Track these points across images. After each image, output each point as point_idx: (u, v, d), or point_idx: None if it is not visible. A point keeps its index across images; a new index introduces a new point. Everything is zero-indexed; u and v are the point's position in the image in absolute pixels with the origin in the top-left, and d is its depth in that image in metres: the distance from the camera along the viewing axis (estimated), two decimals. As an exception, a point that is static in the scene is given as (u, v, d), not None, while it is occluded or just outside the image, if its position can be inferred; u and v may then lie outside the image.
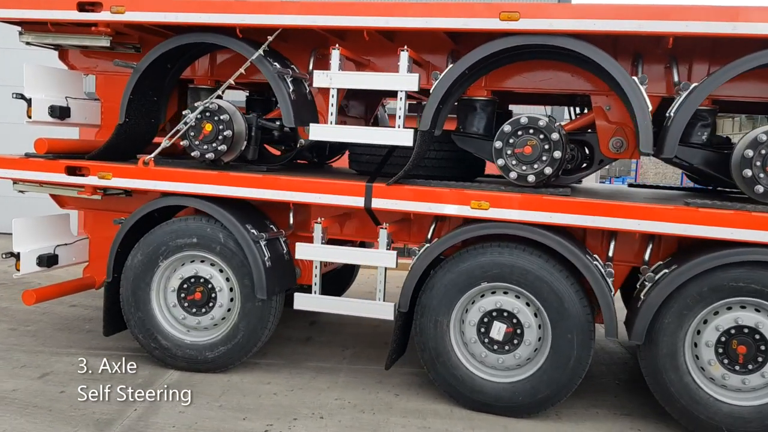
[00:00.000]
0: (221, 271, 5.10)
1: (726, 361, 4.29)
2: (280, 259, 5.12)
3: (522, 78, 5.04)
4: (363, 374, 5.33)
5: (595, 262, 4.50)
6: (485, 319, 4.63)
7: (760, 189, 4.16)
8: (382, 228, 4.74)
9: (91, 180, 5.18)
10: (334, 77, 4.62)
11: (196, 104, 5.03)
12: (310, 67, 5.19)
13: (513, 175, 4.51)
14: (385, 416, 4.57)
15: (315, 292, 4.90)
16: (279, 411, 4.55)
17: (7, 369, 5.10)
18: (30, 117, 5.29)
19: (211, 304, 5.13)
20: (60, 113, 5.46)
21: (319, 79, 4.65)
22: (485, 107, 5.10)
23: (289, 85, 4.87)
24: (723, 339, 4.29)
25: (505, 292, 4.62)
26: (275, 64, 4.89)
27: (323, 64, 5.00)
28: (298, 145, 5.50)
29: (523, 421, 4.59)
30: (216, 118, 5.00)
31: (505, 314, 4.60)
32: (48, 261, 5.61)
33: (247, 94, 6.61)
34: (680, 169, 6.10)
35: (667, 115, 4.42)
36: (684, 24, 4.12)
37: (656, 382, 4.38)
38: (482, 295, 4.66)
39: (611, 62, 4.33)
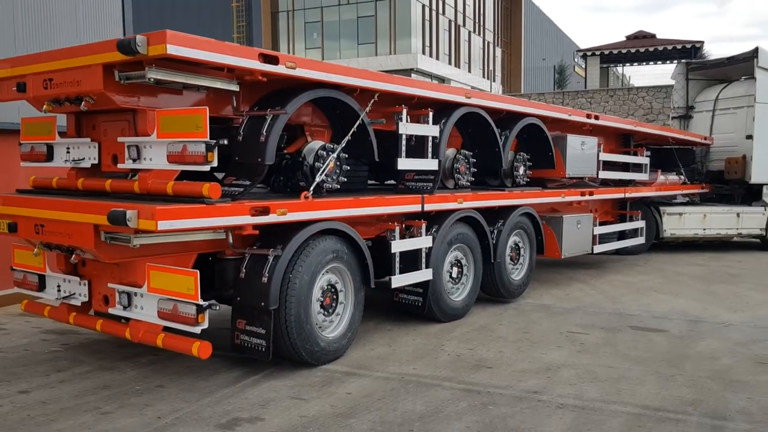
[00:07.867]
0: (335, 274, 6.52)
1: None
2: (364, 257, 6.93)
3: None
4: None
5: (492, 229, 8.61)
6: (450, 267, 8.07)
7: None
8: (424, 223, 7.41)
9: (270, 218, 5.60)
10: (408, 127, 7.01)
11: (326, 146, 6.24)
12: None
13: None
14: (446, 338, 7.46)
15: (398, 273, 7.08)
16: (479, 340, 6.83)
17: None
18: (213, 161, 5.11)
19: (334, 305, 6.47)
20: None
21: (402, 128, 6.93)
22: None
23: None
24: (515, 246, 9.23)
25: (455, 249, 8.16)
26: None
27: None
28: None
29: (468, 315, 8.31)
30: (337, 155, 6.38)
31: (456, 262, 8.17)
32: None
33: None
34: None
35: None
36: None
37: (501, 279, 8.92)
38: (447, 253, 8.04)
39: None
